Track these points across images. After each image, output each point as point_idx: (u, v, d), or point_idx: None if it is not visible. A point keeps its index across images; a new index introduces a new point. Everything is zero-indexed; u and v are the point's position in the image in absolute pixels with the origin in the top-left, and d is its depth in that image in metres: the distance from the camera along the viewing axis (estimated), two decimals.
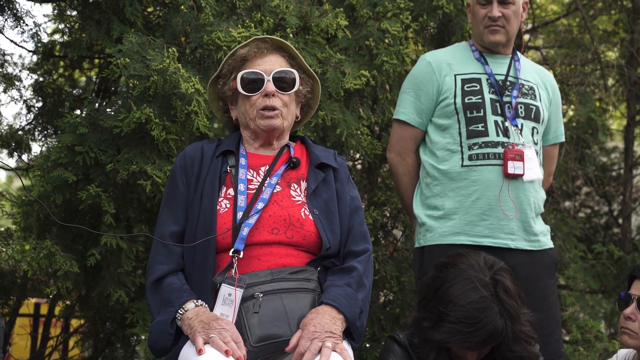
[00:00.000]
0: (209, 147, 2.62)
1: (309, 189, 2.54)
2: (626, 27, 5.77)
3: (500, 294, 2.42)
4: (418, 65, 3.34)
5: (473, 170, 3.14)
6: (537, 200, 3.22)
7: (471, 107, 3.18)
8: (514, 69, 3.30)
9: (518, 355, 2.45)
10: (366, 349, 3.93)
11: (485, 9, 3.23)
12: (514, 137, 3.17)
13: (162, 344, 2.35)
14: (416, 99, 3.27)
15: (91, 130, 3.24)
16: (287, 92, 2.57)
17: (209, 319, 2.27)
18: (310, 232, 2.46)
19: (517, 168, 3.11)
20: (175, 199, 2.54)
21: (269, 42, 2.63)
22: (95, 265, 3.32)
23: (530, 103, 3.27)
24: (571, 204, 6.53)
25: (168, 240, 2.48)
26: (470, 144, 3.16)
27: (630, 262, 5.27)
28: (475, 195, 3.13)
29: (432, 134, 3.26)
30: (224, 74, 2.65)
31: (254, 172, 2.55)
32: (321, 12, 3.57)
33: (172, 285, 2.42)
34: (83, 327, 4.76)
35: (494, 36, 3.24)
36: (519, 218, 3.13)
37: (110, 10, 3.42)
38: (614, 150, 6.78)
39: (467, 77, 3.24)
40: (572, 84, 5.14)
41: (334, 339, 2.27)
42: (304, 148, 2.70)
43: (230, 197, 2.48)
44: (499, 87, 3.23)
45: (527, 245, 3.16)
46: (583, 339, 4.31)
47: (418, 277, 3.22)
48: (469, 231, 3.12)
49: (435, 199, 3.20)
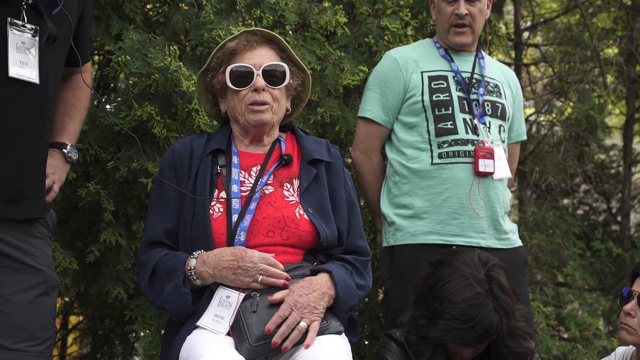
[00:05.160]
0: (198, 142, 2.56)
1: (301, 187, 2.50)
2: (625, 25, 5.77)
3: (495, 290, 2.43)
4: (383, 62, 3.29)
5: (443, 168, 3.11)
6: (505, 199, 3.21)
7: (439, 105, 3.15)
8: (479, 66, 3.27)
9: (513, 351, 2.46)
10: (365, 346, 3.93)
11: (451, 6, 3.18)
12: (483, 135, 3.15)
13: (184, 307, 2.33)
14: (382, 97, 3.22)
15: (91, 128, 3.23)
16: (278, 87, 2.52)
17: (226, 261, 2.30)
18: (306, 232, 2.44)
19: (488, 166, 3.09)
20: (166, 199, 2.49)
21: (258, 34, 2.58)
22: (95, 262, 3.32)
23: (497, 101, 3.25)
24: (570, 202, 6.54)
25: (163, 237, 2.45)
26: (440, 142, 3.12)
27: (629, 260, 5.27)
28: (446, 193, 3.10)
29: (399, 132, 3.21)
30: (213, 66, 2.59)
31: (246, 172, 2.51)
32: (320, 9, 3.57)
33: (164, 260, 2.40)
34: (82, 323, 4.77)
35: (459, 38, 3.21)
36: (489, 216, 3.12)
37: (110, 6, 3.41)
38: (613, 148, 6.79)
39: (434, 75, 3.20)
40: (571, 82, 5.14)
41: (314, 315, 2.28)
42: (295, 140, 2.65)
43: (223, 201, 2.44)
44: (466, 85, 3.20)
45: (498, 243, 3.14)
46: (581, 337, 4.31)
47: (387, 277, 3.18)
48: (441, 230, 3.09)
49: (404, 198, 3.15)
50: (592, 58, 5.30)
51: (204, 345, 2.22)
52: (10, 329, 2.24)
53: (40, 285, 2.31)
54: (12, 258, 2.27)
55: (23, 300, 2.27)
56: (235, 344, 2.26)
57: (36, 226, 2.35)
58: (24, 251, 2.29)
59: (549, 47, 5.93)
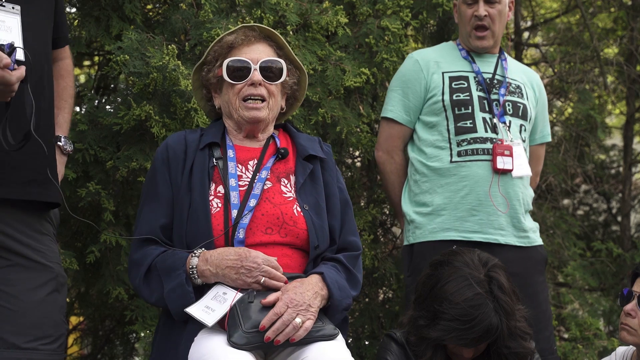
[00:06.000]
0: (192, 137, 2.53)
1: (297, 183, 2.50)
2: (625, 25, 5.76)
3: (495, 290, 2.43)
4: (406, 64, 3.35)
5: (462, 166, 3.15)
6: (526, 197, 3.23)
7: (459, 104, 3.19)
8: (501, 67, 3.31)
9: (514, 351, 2.46)
10: (365, 347, 3.93)
11: (471, 8, 3.24)
12: (503, 134, 3.18)
13: (187, 305, 2.30)
14: (404, 97, 3.28)
15: (90, 128, 3.23)
16: (274, 82, 2.52)
17: (230, 260, 2.29)
18: (303, 229, 2.44)
19: (507, 163, 3.13)
20: (158, 196, 2.45)
21: (256, 30, 2.58)
22: (95, 262, 3.32)
23: (518, 101, 3.28)
24: (570, 202, 6.53)
25: (158, 232, 2.41)
26: (459, 140, 3.17)
27: (630, 260, 5.27)
28: (465, 190, 3.13)
29: (420, 132, 3.26)
30: (209, 60, 2.58)
31: (243, 166, 2.50)
32: (321, 9, 3.57)
33: (162, 258, 2.37)
34: (82, 324, 4.77)
35: (480, 42, 3.27)
36: (508, 213, 3.14)
37: (110, 7, 3.41)
38: (613, 148, 6.78)
39: (455, 75, 3.25)
40: (571, 82, 5.13)
41: (309, 313, 2.27)
42: (288, 137, 2.65)
43: (221, 196, 2.42)
44: (487, 85, 3.24)
45: (517, 241, 3.17)
46: (582, 337, 4.31)
47: (407, 275, 3.21)
48: (459, 227, 3.12)
49: (424, 196, 3.20)
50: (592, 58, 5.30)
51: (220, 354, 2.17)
52: (22, 327, 2.22)
53: (50, 283, 2.29)
54: (21, 255, 2.24)
55: (34, 298, 2.25)
56: (228, 333, 2.22)
57: (43, 223, 2.33)
58: (32, 248, 2.27)
59: (549, 47, 5.92)
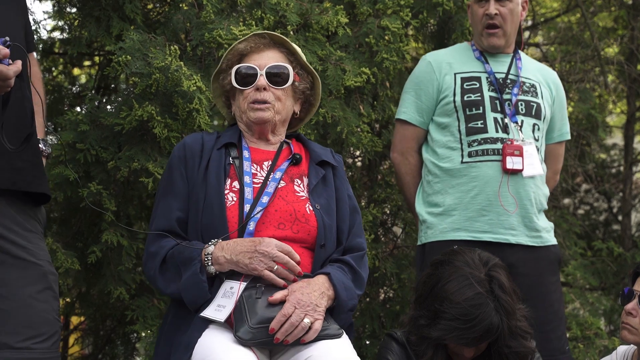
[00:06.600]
0: (209, 138, 2.62)
1: (310, 185, 2.56)
2: (626, 24, 5.77)
3: (496, 290, 2.43)
4: (419, 66, 3.38)
5: (472, 166, 3.17)
6: (539, 197, 3.23)
7: (470, 105, 3.21)
8: (515, 67, 3.32)
9: (514, 350, 2.46)
10: (366, 346, 3.94)
11: (482, 7, 3.26)
12: (514, 134, 3.19)
13: (201, 294, 2.34)
14: (417, 99, 3.31)
15: (92, 128, 3.24)
16: (281, 87, 2.58)
17: (244, 245, 2.34)
18: (315, 227, 2.48)
19: (516, 163, 3.13)
20: (174, 191, 2.52)
21: (267, 37, 2.65)
22: (96, 262, 3.32)
23: (531, 100, 3.28)
24: (571, 201, 6.53)
25: (174, 225, 2.47)
26: (470, 140, 3.18)
27: (630, 259, 5.27)
28: (475, 191, 3.15)
29: (434, 133, 3.29)
30: (224, 69, 2.67)
31: (258, 166, 2.57)
32: (321, 9, 3.57)
33: (179, 249, 2.41)
34: (83, 324, 4.77)
35: (492, 40, 3.28)
36: (519, 213, 3.15)
37: (110, 7, 3.42)
38: (614, 147, 6.78)
39: (467, 76, 3.27)
40: (572, 81, 5.13)
41: (317, 313, 2.30)
42: (302, 145, 2.72)
43: (236, 190, 2.48)
44: (499, 85, 3.25)
45: (529, 241, 3.17)
46: (583, 336, 4.31)
47: (420, 274, 3.23)
48: (469, 227, 3.14)
49: (436, 196, 3.23)
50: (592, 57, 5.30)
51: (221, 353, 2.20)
52: (14, 327, 2.19)
53: (40, 280, 2.26)
54: (9, 254, 2.22)
55: (25, 297, 2.22)
56: (235, 327, 2.25)
57: (31, 221, 2.32)
58: (20, 246, 2.24)
59: (549, 46, 5.92)
